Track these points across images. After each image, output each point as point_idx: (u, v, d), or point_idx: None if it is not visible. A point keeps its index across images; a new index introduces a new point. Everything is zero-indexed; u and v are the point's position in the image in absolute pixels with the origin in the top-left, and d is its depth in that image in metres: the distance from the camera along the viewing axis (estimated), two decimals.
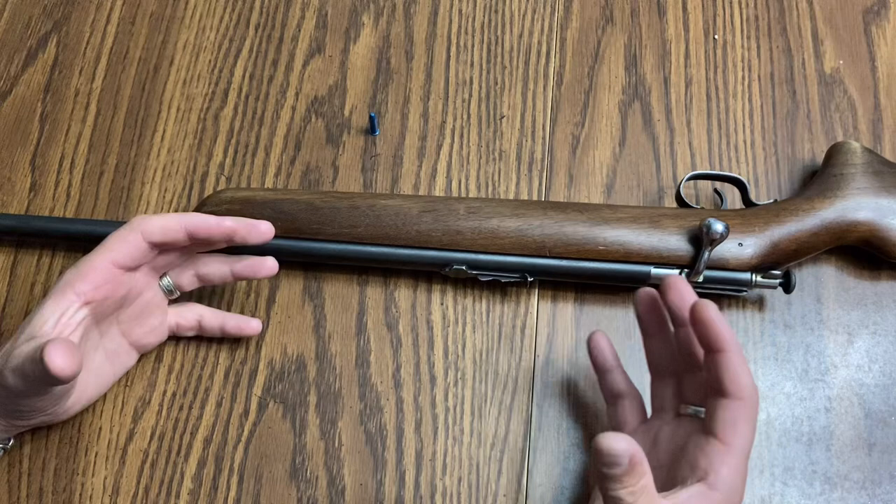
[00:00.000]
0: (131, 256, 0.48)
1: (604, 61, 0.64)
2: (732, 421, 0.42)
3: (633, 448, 0.38)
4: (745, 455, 0.43)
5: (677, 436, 0.46)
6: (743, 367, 0.43)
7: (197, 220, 0.49)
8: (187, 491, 0.52)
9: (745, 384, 0.42)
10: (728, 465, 0.42)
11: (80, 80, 0.63)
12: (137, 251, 0.48)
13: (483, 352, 0.55)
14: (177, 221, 0.49)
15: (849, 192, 0.55)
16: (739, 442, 0.42)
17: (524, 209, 0.55)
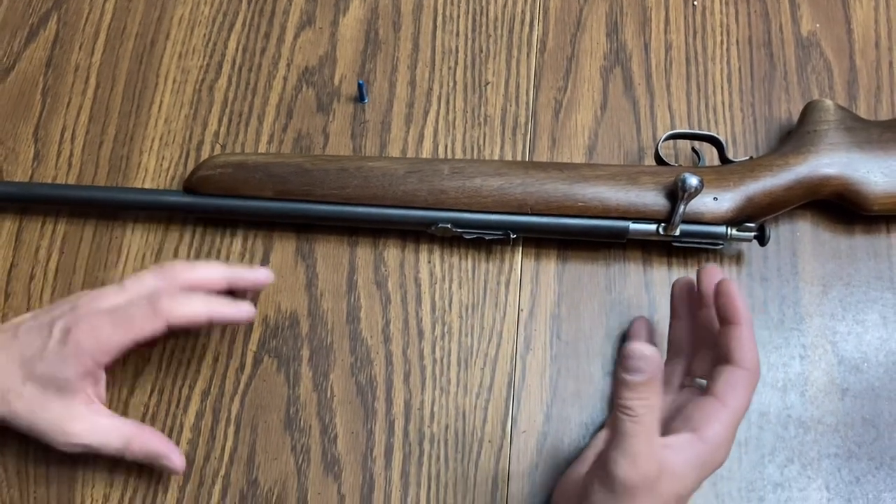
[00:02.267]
0: (151, 337, 0.50)
1: (586, 29, 0.65)
2: (733, 384, 0.45)
3: (660, 363, 0.41)
4: (737, 419, 0.45)
5: (677, 402, 0.49)
6: (752, 341, 0.46)
7: (224, 312, 0.51)
8: (186, 440, 0.54)
9: (752, 356, 0.46)
10: (720, 422, 0.44)
11: (80, 55, 0.66)
12: (158, 333, 0.50)
13: (469, 307, 0.57)
14: (205, 314, 0.50)
15: (822, 148, 0.57)
16: (735, 404, 0.44)
17: (506, 168, 0.57)
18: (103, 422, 0.50)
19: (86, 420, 0.49)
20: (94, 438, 0.49)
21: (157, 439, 0.51)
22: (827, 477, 0.52)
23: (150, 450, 0.50)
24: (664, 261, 0.58)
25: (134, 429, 0.51)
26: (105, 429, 0.50)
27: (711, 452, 0.44)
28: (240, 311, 0.51)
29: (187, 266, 0.52)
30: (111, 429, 0.50)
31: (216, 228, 0.60)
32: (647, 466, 0.41)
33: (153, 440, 0.51)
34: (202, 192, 0.57)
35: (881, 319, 0.56)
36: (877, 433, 0.53)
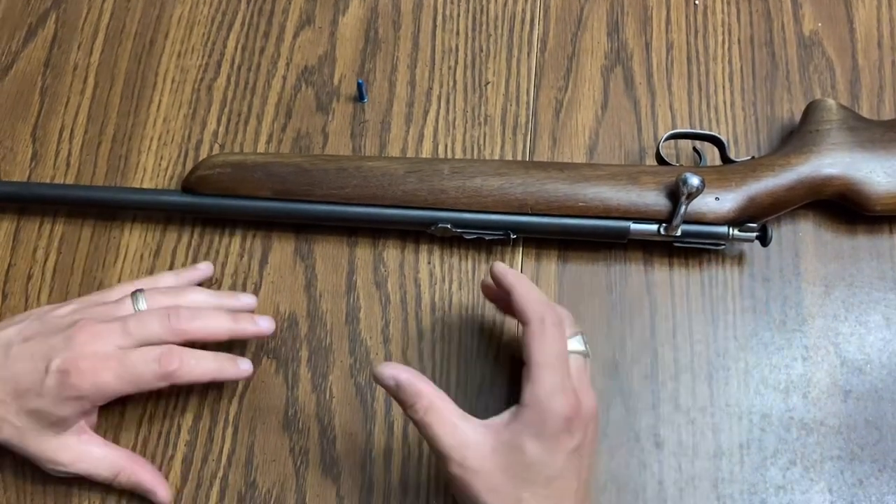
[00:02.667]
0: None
1: (586, 28, 0.65)
2: (526, 344, 0.45)
3: (397, 371, 0.45)
4: (548, 367, 0.44)
5: None
6: (525, 296, 0.46)
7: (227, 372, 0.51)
8: (184, 442, 0.54)
9: (526, 310, 0.46)
10: (530, 381, 0.44)
11: (79, 55, 0.65)
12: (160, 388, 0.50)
13: (469, 308, 0.57)
14: (210, 376, 0.50)
15: (824, 148, 0.56)
16: (535, 358, 0.45)
17: (506, 168, 0.56)
18: (94, 452, 0.50)
19: (76, 450, 0.50)
20: (83, 468, 0.50)
21: (145, 473, 0.51)
22: (829, 479, 0.52)
23: (138, 483, 0.51)
24: (665, 261, 0.58)
25: (123, 460, 0.51)
26: (94, 459, 0.50)
27: (535, 410, 0.44)
28: (241, 371, 0.51)
29: (195, 319, 0.50)
30: (100, 459, 0.50)
31: (215, 228, 0.59)
32: (458, 455, 0.44)
33: (141, 473, 0.51)
34: (201, 192, 0.57)
35: (884, 320, 0.56)
36: (880, 435, 0.53)
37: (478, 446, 0.44)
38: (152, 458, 0.53)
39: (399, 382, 0.45)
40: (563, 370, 0.45)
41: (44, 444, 0.49)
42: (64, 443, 0.49)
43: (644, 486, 0.52)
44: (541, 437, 0.44)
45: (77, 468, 0.50)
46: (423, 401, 0.45)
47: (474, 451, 0.44)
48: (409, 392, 0.45)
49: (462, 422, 0.45)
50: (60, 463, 0.49)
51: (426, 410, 0.44)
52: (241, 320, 0.52)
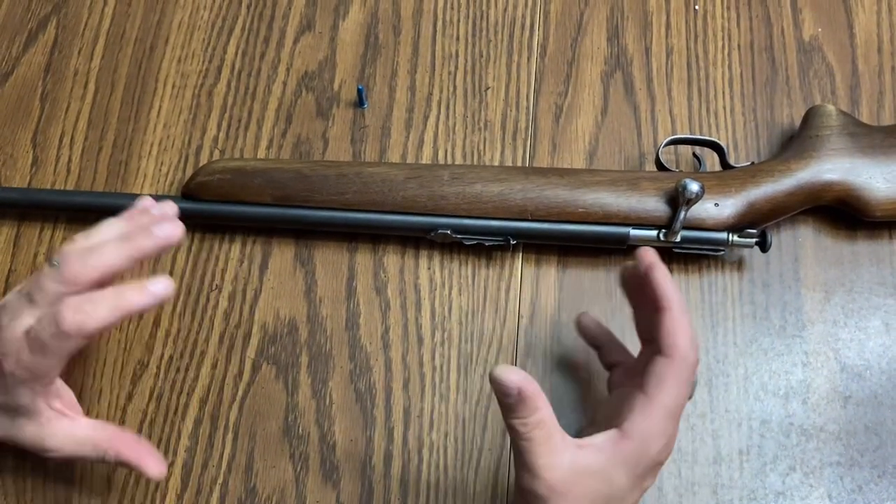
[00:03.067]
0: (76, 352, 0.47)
1: (586, 33, 0.65)
2: (658, 376, 0.43)
3: (524, 382, 0.41)
4: (668, 412, 0.43)
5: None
6: (679, 327, 0.44)
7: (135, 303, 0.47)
8: (184, 448, 0.54)
9: (676, 344, 0.43)
10: (644, 416, 0.43)
11: (79, 60, 0.65)
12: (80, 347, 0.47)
13: (469, 313, 0.57)
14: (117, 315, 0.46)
15: (824, 154, 0.56)
16: (661, 397, 0.43)
17: (506, 174, 0.56)
18: (78, 434, 0.49)
19: (59, 435, 0.48)
20: (71, 450, 0.49)
21: (132, 447, 0.49)
22: (829, 485, 0.52)
23: (125, 458, 0.49)
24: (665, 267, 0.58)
25: (107, 440, 0.49)
26: (80, 440, 0.49)
27: (637, 447, 0.42)
28: (151, 294, 0.47)
29: (84, 259, 0.46)
30: (87, 440, 0.49)
31: (215, 234, 0.59)
32: (550, 475, 0.41)
33: (128, 448, 0.49)
34: (200, 198, 0.57)
35: (884, 326, 0.56)
36: (879, 441, 0.53)
37: (571, 470, 0.42)
38: None
39: (524, 395, 0.41)
40: (677, 416, 0.44)
41: (29, 434, 0.48)
42: (46, 430, 0.48)
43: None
44: (631, 474, 0.43)
45: (65, 452, 0.49)
46: (538, 414, 0.42)
47: (567, 475, 0.42)
48: (529, 404, 0.41)
49: (561, 442, 0.42)
50: (49, 449, 0.48)
51: (536, 425, 0.42)
52: (136, 239, 0.47)
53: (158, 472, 0.49)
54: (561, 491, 0.41)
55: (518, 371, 0.41)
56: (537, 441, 0.42)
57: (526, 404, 0.41)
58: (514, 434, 0.42)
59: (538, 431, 0.41)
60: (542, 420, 0.42)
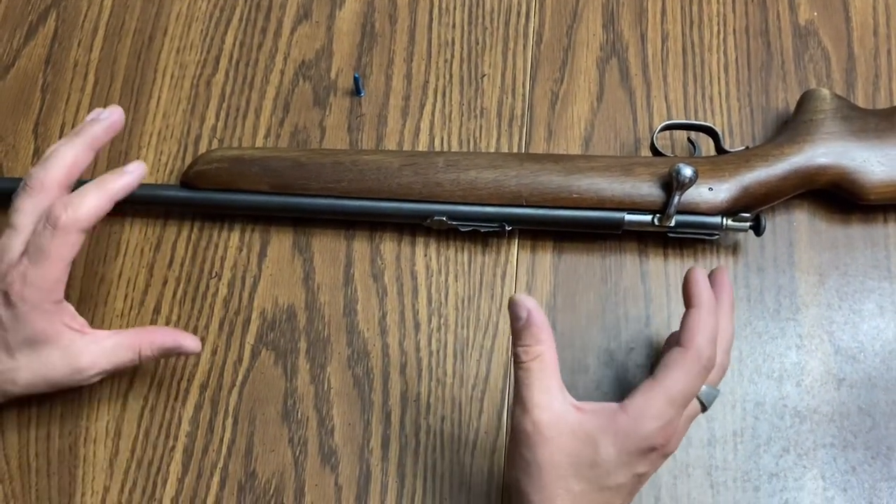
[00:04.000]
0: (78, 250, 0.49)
1: (582, 20, 0.65)
2: (668, 362, 0.45)
3: (535, 310, 0.45)
4: (669, 397, 0.43)
5: None
6: (700, 324, 0.45)
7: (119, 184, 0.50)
8: (185, 433, 0.55)
9: (693, 337, 0.45)
10: (645, 396, 0.44)
11: (79, 52, 0.66)
12: (81, 243, 0.49)
13: (465, 299, 0.58)
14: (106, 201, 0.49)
15: (818, 137, 0.57)
16: (665, 381, 0.44)
17: (501, 161, 0.57)
18: (106, 344, 0.50)
19: (88, 351, 0.50)
20: (106, 362, 0.50)
21: (163, 334, 0.51)
22: (822, 467, 0.53)
23: (161, 348, 0.51)
24: (660, 252, 0.58)
25: (138, 336, 0.51)
26: (110, 350, 0.50)
27: (629, 422, 0.43)
28: (133, 174, 0.50)
29: (43, 165, 0.49)
30: (117, 346, 0.50)
31: (214, 223, 0.60)
32: (538, 413, 0.43)
33: (160, 337, 0.51)
34: (199, 187, 0.58)
35: (878, 309, 0.56)
36: (873, 423, 0.53)
37: (560, 418, 0.44)
38: (153, 448, 0.54)
39: (531, 318, 0.44)
40: (678, 407, 0.44)
41: (58, 363, 0.49)
42: (73, 350, 0.49)
43: None
44: (620, 448, 0.43)
45: (101, 366, 0.50)
46: (539, 347, 0.44)
47: (555, 420, 0.43)
48: (533, 332, 0.44)
49: (558, 388, 0.44)
50: (83, 369, 0.49)
51: (536, 357, 0.44)
52: (84, 129, 0.51)
53: (195, 345, 0.52)
54: (545, 434, 0.43)
55: (533, 300, 0.45)
56: (533, 373, 0.44)
57: (531, 331, 0.44)
58: (516, 362, 0.45)
59: (536, 363, 0.44)
60: (542, 354, 0.44)
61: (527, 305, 0.45)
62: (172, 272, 0.59)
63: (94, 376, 0.50)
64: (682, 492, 0.52)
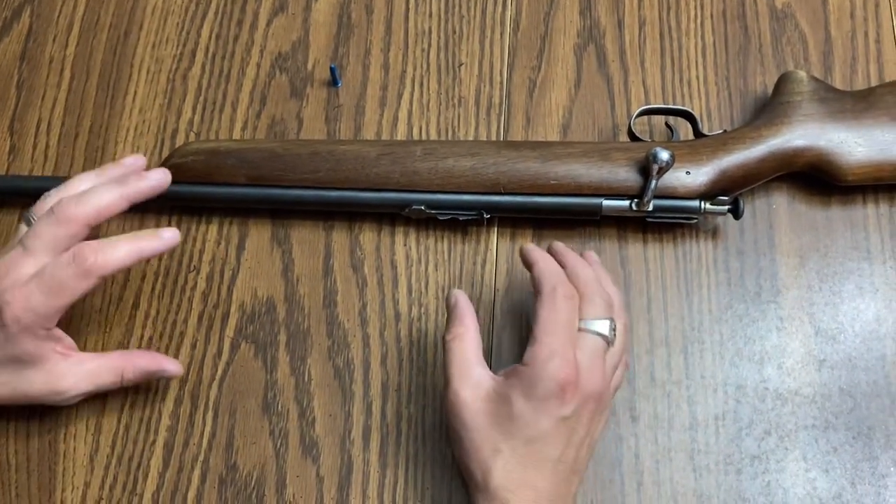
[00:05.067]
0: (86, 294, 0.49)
1: (559, 7, 0.65)
2: (534, 310, 0.47)
3: (459, 298, 0.50)
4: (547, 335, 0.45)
5: None
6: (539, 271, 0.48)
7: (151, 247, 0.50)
8: (165, 427, 0.54)
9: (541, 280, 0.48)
10: (532, 343, 0.46)
11: (54, 48, 0.66)
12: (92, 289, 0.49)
13: (445, 288, 0.57)
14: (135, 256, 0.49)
15: (795, 119, 0.57)
16: (538, 325, 0.46)
17: (479, 148, 0.57)
18: (88, 367, 0.51)
19: (71, 374, 0.50)
20: (87, 385, 0.51)
21: (146, 359, 0.52)
22: (804, 448, 0.52)
23: (143, 371, 0.52)
24: (639, 237, 0.58)
25: (121, 359, 0.52)
26: (93, 372, 0.51)
27: (527, 370, 0.45)
28: (166, 241, 0.50)
29: (79, 200, 0.49)
30: (99, 369, 0.51)
31: (192, 216, 0.60)
32: (457, 385, 0.47)
33: (143, 361, 0.52)
34: (176, 180, 0.57)
35: (857, 290, 0.56)
36: (854, 403, 0.53)
37: (476, 385, 0.47)
38: (133, 443, 0.54)
39: (457, 304, 0.49)
40: (565, 338, 0.46)
41: (38, 383, 0.49)
42: (56, 372, 0.50)
43: (620, 460, 0.53)
44: (530, 396, 0.45)
45: (81, 388, 0.50)
46: (460, 328, 0.48)
47: (471, 388, 0.47)
48: (455, 315, 0.49)
49: (476, 361, 0.48)
50: (64, 391, 0.50)
51: (455, 337, 0.48)
52: (129, 182, 0.50)
53: (177, 368, 0.53)
54: (464, 400, 0.46)
55: (463, 293, 0.50)
56: (453, 351, 0.48)
57: (455, 315, 0.49)
58: (443, 347, 0.49)
59: (456, 342, 0.48)
60: (462, 334, 0.48)
61: (455, 294, 0.50)
62: (150, 267, 0.59)
63: (74, 397, 0.51)
64: (665, 476, 0.52)
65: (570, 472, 0.46)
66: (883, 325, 0.55)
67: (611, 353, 0.48)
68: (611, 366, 0.48)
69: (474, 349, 0.48)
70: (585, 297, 0.48)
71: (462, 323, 0.49)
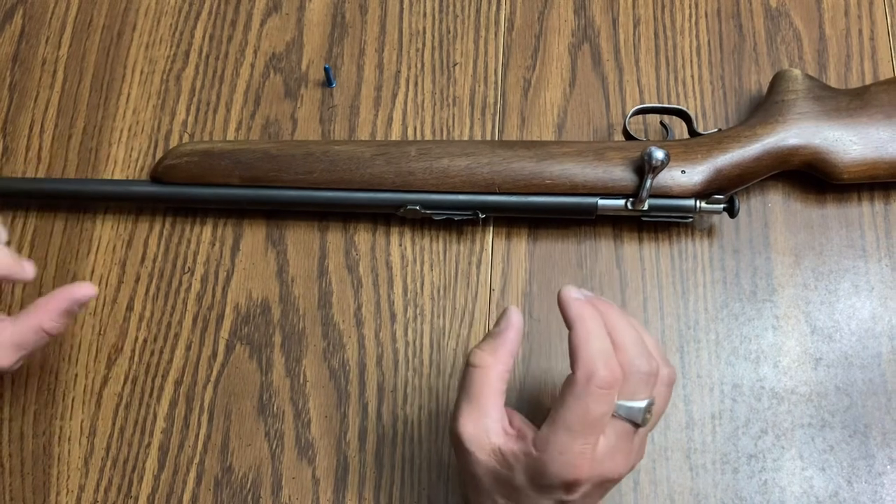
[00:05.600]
0: None
1: (553, 6, 0.65)
2: (561, 392, 0.42)
3: (514, 329, 0.43)
4: (568, 429, 0.40)
5: None
6: (581, 341, 0.41)
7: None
8: (160, 430, 0.54)
9: (577, 359, 0.41)
10: (548, 429, 0.41)
11: (47, 49, 0.65)
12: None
13: (440, 288, 0.57)
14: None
15: (790, 118, 0.56)
16: (561, 413, 0.41)
17: (473, 148, 0.57)
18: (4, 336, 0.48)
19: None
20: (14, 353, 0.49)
21: (55, 300, 0.49)
22: (801, 446, 0.52)
23: (59, 310, 0.49)
24: (635, 236, 0.58)
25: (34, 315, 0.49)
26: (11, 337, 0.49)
27: (537, 457, 0.41)
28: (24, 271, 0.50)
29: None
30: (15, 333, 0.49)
31: (186, 217, 0.60)
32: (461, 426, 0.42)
33: (52, 303, 0.49)
34: (169, 182, 0.57)
35: (853, 288, 0.56)
36: (850, 401, 0.53)
37: (481, 436, 0.42)
38: (129, 446, 0.54)
39: (506, 328, 0.44)
40: (585, 436, 0.40)
41: None
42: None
43: None
44: (531, 480, 0.42)
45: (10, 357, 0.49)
46: (490, 358, 0.43)
47: (476, 436, 0.42)
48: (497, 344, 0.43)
49: (492, 402, 0.43)
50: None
51: (482, 367, 0.43)
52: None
53: (89, 289, 0.49)
54: (465, 446, 0.42)
55: (521, 320, 0.44)
56: (472, 382, 0.43)
57: (496, 341, 0.43)
58: (464, 364, 0.44)
59: (478, 373, 0.43)
60: (489, 366, 0.43)
61: (511, 322, 0.44)
62: (145, 268, 0.58)
63: (5, 368, 0.49)
64: (662, 475, 0.52)
65: None
66: (879, 322, 0.55)
67: (646, 427, 0.43)
68: (642, 437, 0.43)
69: (496, 387, 0.43)
70: (626, 377, 0.41)
71: (496, 353, 0.43)
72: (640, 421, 0.42)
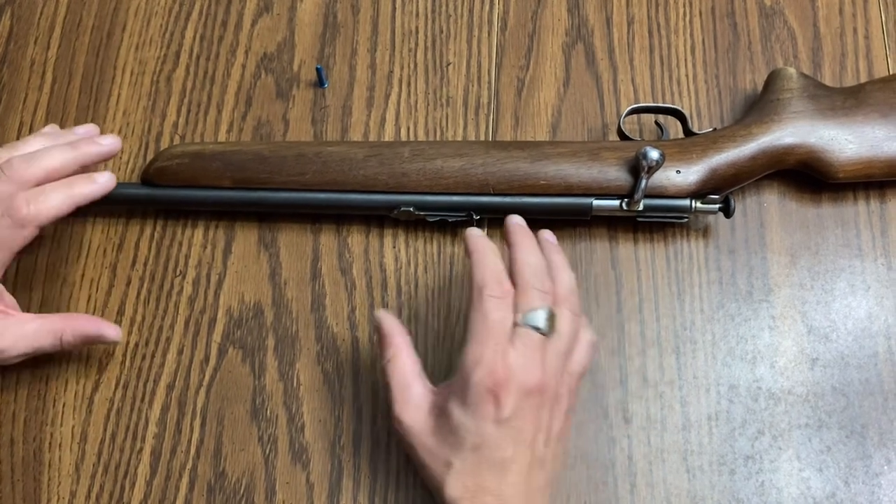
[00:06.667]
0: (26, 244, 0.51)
1: (546, 5, 0.65)
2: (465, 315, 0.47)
3: (386, 319, 0.48)
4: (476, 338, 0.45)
5: None
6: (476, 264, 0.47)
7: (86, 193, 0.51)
8: (152, 435, 0.54)
9: (473, 276, 0.46)
10: (462, 349, 0.45)
11: (36, 50, 0.65)
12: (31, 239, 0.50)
13: (435, 290, 0.57)
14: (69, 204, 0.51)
15: (785, 117, 0.56)
16: (469, 328, 0.45)
17: (467, 149, 0.56)
18: (28, 327, 0.50)
19: (9, 333, 0.50)
20: (26, 346, 0.50)
21: (85, 322, 0.52)
22: (798, 447, 0.52)
23: (82, 335, 0.51)
24: (630, 237, 0.58)
25: (60, 321, 0.51)
26: (33, 333, 0.50)
27: (459, 377, 0.45)
28: (101, 185, 0.52)
29: (29, 161, 0.50)
30: (38, 330, 0.51)
31: (177, 220, 0.59)
32: (398, 410, 0.46)
33: (82, 324, 0.51)
34: (160, 184, 0.57)
35: (849, 287, 0.56)
36: (847, 402, 0.53)
37: (417, 406, 0.46)
38: (120, 451, 0.53)
39: (380, 327, 0.48)
40: (491, 341, 0.44)
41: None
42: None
43: (613, 462, 0.52)
44: (464, 405, 0.44)
45: (20, 349, 0.50)
46: (390, 350, 0.48)
47: (412, 410, 0.46)
48: (384, 339, 0.48)
49: (413, 380, 0.47)
50: (3, 350, 0.50)
51: (389, 360, 0.48)
52: (81, 146, 0.52)
53: (116, 334, 0.52)
54: (408, 423, 0.46)
55: (388, 314, 0.49)
56: (391, 374, 0.47)
57: (381, 336, 0.48)
58: (381, 374, 0.49)
59: (392, 366, 0.47)
60: (396, 356, 0.47)
61: (379, 317, 0.49)
62: (136, 272, 0.58)
63: (12, 358, 0.50)
64: (658, 477, 0.52)
65: (531, 468, 0.44)
66: (875, 322, 0.55)
67: (554, 342, 0.46)
68: (555, 355, 0.46)
69: (410, 368, 0.48)
70: (520, 290, 0.46)
71: (392, 344, 0.48)
72: (544, 328, 0.45)
